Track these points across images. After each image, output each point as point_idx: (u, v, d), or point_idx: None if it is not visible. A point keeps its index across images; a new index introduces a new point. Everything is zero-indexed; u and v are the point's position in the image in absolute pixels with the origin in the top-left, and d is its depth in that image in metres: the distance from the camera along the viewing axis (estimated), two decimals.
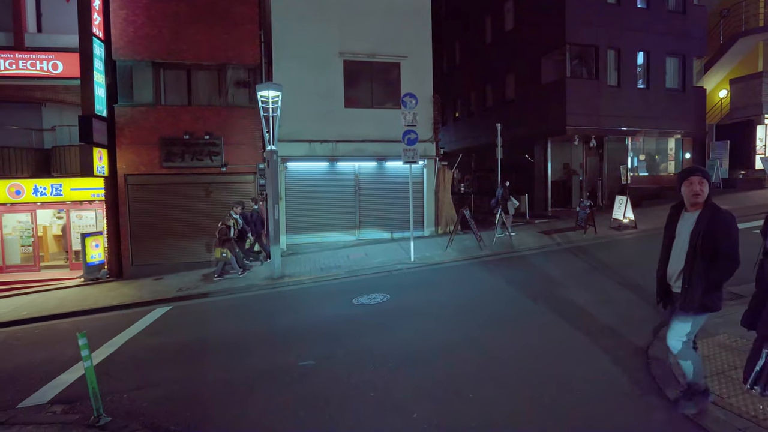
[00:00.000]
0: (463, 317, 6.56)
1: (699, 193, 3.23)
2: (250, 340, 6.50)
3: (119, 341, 7.05)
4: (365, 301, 7.80)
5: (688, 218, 3.32)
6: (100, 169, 11.95)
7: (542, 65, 17.49)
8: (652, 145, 18.58)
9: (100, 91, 11.94)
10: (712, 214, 3.18)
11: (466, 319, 6.43)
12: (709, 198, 3.26)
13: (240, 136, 13.02)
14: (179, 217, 12.94)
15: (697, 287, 3.19)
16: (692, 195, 3.26)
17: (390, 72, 14.23)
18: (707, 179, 3.25)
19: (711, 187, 3.28)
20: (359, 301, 7.83)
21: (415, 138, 10.79)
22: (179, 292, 10.27)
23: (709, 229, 3.14)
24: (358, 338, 6.05)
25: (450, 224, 14.62)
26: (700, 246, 3.15)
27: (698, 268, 3.18)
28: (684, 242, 3.28)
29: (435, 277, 9.49)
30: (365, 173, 14.06)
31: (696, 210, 3.29)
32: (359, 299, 7.95)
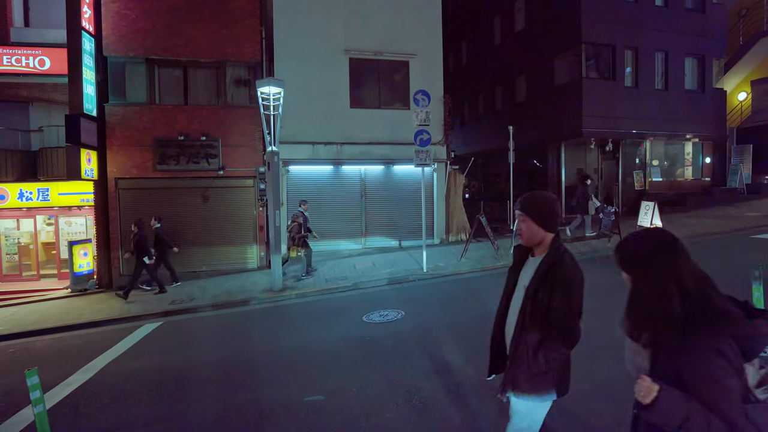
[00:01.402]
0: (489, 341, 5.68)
1: (520, 232, 2.33)
2: (246, 367, 5.63)
3: (98, 365, 6.18)
4: (377, 319, 6.93)
5: (531, 264, 2.38)
6: (88, 173, 11.12)
7: (555, 66, 16.73)
8: (669, 149, 17.77)
9: (89, 89, 11.14)
10: (548, 265, 2.22)
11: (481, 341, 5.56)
12: (555, 241, 2.28)
13: (239, 137, 12.21)
14: (174, 224, 12.06)
15: (521, 364, 2.26)
16: (519, 234, 2.37)
17: (398, 71, 13.46)
18: (531, 215, 2.27)
19: (550, 224, 2.28)
20: (371, 319, 6.97)
21: (428, 138, 9.98)
22: (171, 305, 9.41)
23: (543, 286, 2.21)
24: (373, 365, 5.18)
25: (461, 232, 13.78)
26: (530, 308, 2.25)
27: (526, 338, 2.26)
28: (520, 298, 2.37)
29: (452, 290, 8.63)
30: (372, 177, 13.25)
31: (540, 255, 2.33)
32: (370, 316, 7.09)
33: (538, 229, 2.27)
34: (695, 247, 7.25)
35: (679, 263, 1.57)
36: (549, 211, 2.27)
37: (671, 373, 1.50)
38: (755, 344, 1.51)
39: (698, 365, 1.45)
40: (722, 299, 1.55)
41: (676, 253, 1.59)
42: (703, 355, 1.45)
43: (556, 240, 2.28)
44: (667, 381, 1.49)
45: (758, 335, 1.50)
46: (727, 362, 1.44)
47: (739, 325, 1.48)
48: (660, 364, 1.54)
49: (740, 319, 1.50)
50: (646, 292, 1.60)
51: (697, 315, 1.50)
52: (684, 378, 1.47)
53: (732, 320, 1.49)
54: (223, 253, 12.22)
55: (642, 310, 1.61)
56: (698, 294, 1.54)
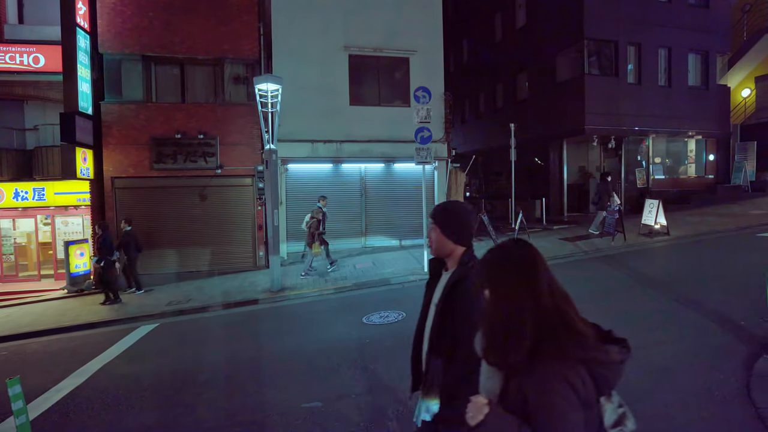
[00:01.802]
0: None
1: (430, 241, 2.10)
2: (243, 371, 5.47)
3: (92, 368, 6.02)
4: (378, 320, 6.77)
5: (443, 279, 2.11)
6: (84, 172, 10.96)
7: (557, 62, 16.54)
8: (673, 146, 17.59)
9: (84, 87, 10.97)
10: (453, 283, 1.96)
11: None
12: (464, 255, 2.01)
13: (237, 135, 12.04)
14: (171, 224, 11.93)
15: (432, 387, 2.01)
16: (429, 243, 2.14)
17: (398, 67, 13.27)
18: (439, 224, 2.03)
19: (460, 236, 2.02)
20: (371, 320, 6.81)
21: (429, 136, 9.81)
22: (168, 307, 9.26)
23: (447, 307, 1.96)
24: (373, 369, 5.02)
25: None
26: (436, 329, 2.01)
27: (434, 362, 2.02)
28: (431, 316, 2.10)
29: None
30: (372, 176, 13.07)
31: (451, 270, 2.06)
32: (370, 317, 6.92)
33: (446, 241, 2.03)
34: (701, 245, 7.17)
35: (537, 278, 1.39)
36: (459, 223, 2.03)
37: (519, 400, 1.32)
38: (608, 373, 1.34)
39: (541, 392, 1.28)
40: (579, 320, 1.37)
41: (534, 267, 1.41)
42: (547, 381, 1.27)
43: (466, 254, 2.02)
44: (514, 408, 1.31)
45: (610, 362, 1.33)
46: (572, 392, 1.26)
47: (590, 349, 1.31)
48: (509, 389, 1.35)
49: (592, 344, 1.32)
50: (499, 308, 1.41)
51: (548, 336, 1.33)
52: (529, 405, 1.30)
53: (583, 343, 1.31)
54: (221, 252, 12.06)
55: (494, 327, 1.42)
56: (554, 312, 1.36)
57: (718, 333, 5.11)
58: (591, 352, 1.32)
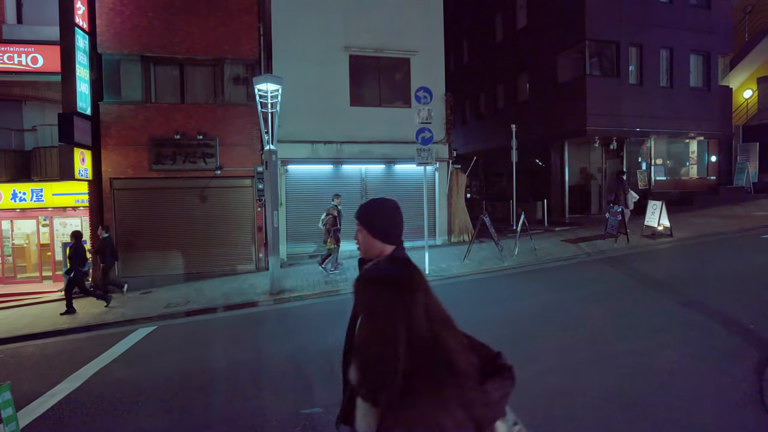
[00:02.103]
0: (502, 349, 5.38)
1: (358, 243, 1.95)
2: (242, 375, 5.36)
3: (87, 372, 5.91)
4: None
5: None
6: (82, 172, 10.87)
7: (559, 63, 16.48)
8: (674, 147, 17.52)
9: (83, 87, 10.89)
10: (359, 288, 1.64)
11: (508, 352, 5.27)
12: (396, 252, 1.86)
13: (237, 136, 11.95)
14: (170, 225, 11.84)
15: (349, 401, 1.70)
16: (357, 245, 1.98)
17: (399, 68, 13.20)
18: (366, 224, 1.89)
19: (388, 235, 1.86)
20: None
21: (430, 137, 9.72)
22: (167, 309, 9.15)
23: (355, 311, 1.78)
24: None
25: (464, 232, 13.51)
26: (348, 342, 1.87)
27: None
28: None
29: (456, 292, 8.36)
30: (373, 177, 12.98)
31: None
32: None
33: (374, 241, 1.87)
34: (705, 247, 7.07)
35: (413, 303, 1.23)
36: (386, 221, 1.90)
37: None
38: (488, 411, 1.22)
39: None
40: (461, 350, 1.24)
41: (410, 290, 1.26)
42: (417, 424, 1.13)
43: (395, 253, 1.87)
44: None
45: (489, 402, 1.21)
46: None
47: (468, 391, 1.19)
48: (383, 427, 1.19)
49: (471, 385, 1.20)
50: (371, 338, 1.25)
51: (424, 372, 1.19)
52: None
53: (461, 384, 1.18)
54: (220, 254, 11.97)
55: (365, 359, 1.26)
56: (432, 344, 1.22)
57: (725, 336, 5.01)
58: (469, 394, 1.18)
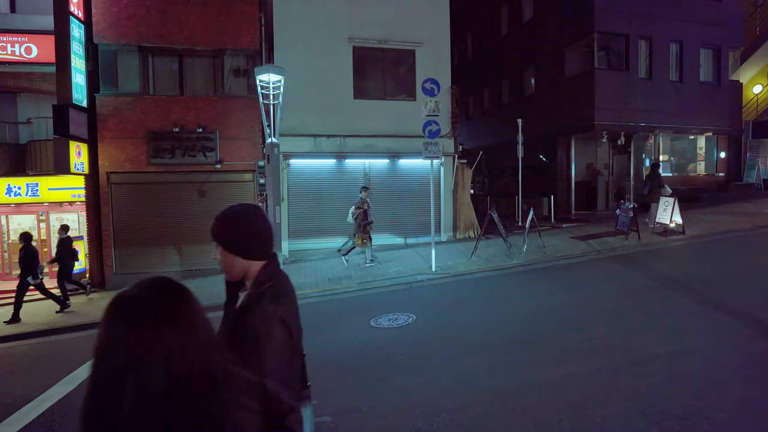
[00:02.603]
0: (516, 351, 5.12)
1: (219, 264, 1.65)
2: None
3: (82, 375, 5.63)
4: (386, 323, 6.38)
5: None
6: (78, 166, 10.56)
7: (566, 57, 16.14)
8: (682, 143, 17.21)
9: (78, 78, 10.57)
10: (242, 309, 1.54)
11: (523, 354, 5.01)
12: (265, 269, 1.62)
13: (237, 129, 11.63)
14: (169, 221, 11.53)
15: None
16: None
17: (404, 60, 12.87)
18: (221, 241, 1.62)
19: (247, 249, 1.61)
20: (379, 323, 6.42)
21: (438, 130, 9.42)
22: None
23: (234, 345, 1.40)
24: (384, 379, 4.63)
25: (469, 229, 13.22)
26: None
27: None
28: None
29: (464, 291, 8.08)
30: (376, 172, 12.67)
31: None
32: (378, 320, 6.54)
33: (233, 258, 1.58)
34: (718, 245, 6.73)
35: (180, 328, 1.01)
36: (243, 232, 1.59)
37: None
38: None
39: None
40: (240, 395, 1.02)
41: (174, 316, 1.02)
42: None
43: (264, 271, 1.60)
44: None
45: None
46: None
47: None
48: None
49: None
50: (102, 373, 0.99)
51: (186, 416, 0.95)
52: None
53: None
54: None
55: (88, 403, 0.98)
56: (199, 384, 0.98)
57: (759, 340, 4.73)
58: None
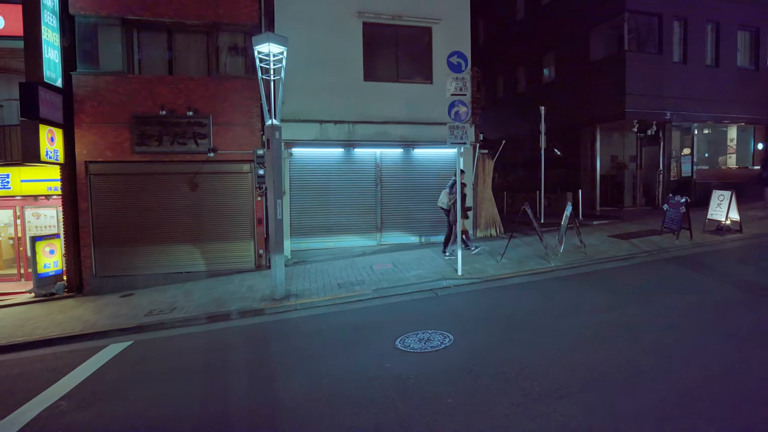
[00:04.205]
0: (612, 394, 3.82)
1: None
2: (234, 425, 3.79)
3: (26, 415, 4.35)
4: (417, 345, 5.08)
5: None
6: (51, 154, 9.23)
7: (591, 40, 14.82)
8: (714, 133, 15.92)
9: (51, 54, 9.24)
10: None
11: (626, 402, 3.71)
12: None
13: (233, 114, 10.31)
14: (156, 217, 10.22)
15: None
16: None
17: (419, 38, 11.52)
18: None
19: None
20: (407, 345, 5.12)
21: (466, 112, 8.13)
22: (148, 318, 7.57)
23: None
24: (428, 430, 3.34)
25: (490, 227, 11.92)
26: None
27: None
28: None
29: (502, 301, 6.78)
30: (389, 162, 11.35)
31: None
32: (406, 340, 5.25)
33: None
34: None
35: None
36: None
37: None
38: None
39: None
40: None
41: None
42: None
43: None
44: None
45: None
46: None
47: None
48: None
49: None
50: None
51: None
52: None
53: None
54: (214, 250, 10.36)
55: None
56: None
57: None
58: None
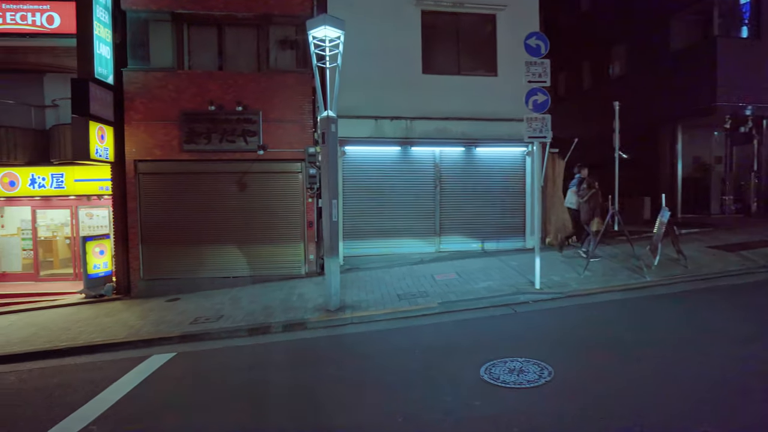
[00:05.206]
0: None
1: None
2: None
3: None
4: (508, 378, 4.12)
5: None
6: (101, 152, 8.96)
7: (672, 27, 13.30)
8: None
9: (103, 50, 9.00)
10: None
11: None
12: None
13: (283, 110, 9.73)
14: (203, 218, 9.77)
15: None
16: None
17: (482, 27, 10.58)
18: None
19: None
20: (496, 376, 4.17)
21: (546, 101, 7.09)
22: (193, 326, 7.01)
23: None
24: None
25: (561, 232, 10.73)
26: None
27: None
28: None
29: (599, 323, 5.69)
30: (449, 162, 10.42)
31: None
32: (493, 369, 4.30)
33: None
34: None
35: None
36: None
37: None
38: None
39: None
40: None
41: None
42: None
43: None
44: None
45: None
46: None
47: None
48: None
49: None
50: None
51: None
52: None
53: None
54: (262, 255, 9.78)
55: None
56: None
57: None
58: None
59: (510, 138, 10.36)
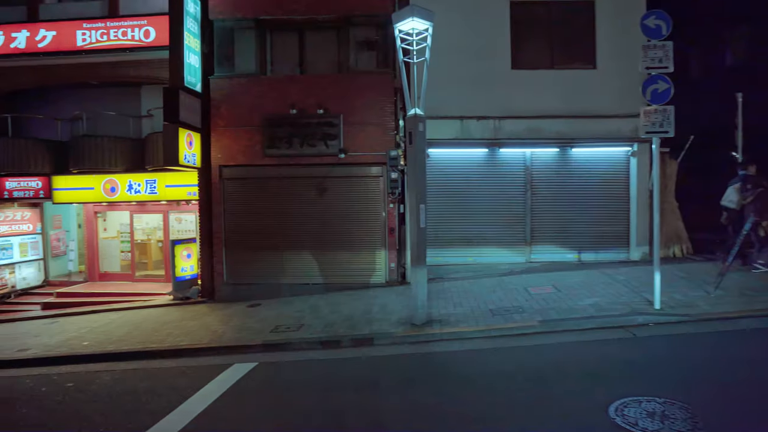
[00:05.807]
0: None
1: None
2: None
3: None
4: (648, 425, 3.30)
5: None
6: (188, 158, 9.19)
7: None
8: None
9: (192, 59, 9.25)
10: None
11: None
12: None
13: (365, 113, 9.43)
14: (284, 223, 9.70)
15: None
16: None
17: (579, 15, 9.60)
18: None
19: None
20: (632, 421, 3.37)
21: (668, 90, 6.10)
22: (274, 334, 6.82)
23: None
24: None
25: (674, 244, 9.40)
26: None
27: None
28: None
29: (752, 356, 4.63)
30: (541, 164, 9.53)
31: None
32: (626, 411, 3.50)
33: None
34: None
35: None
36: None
37: None
38: None
39: None
40: None
41: None
42: None
43: None
44: None
45: None
46: None
47: None
48: None
49: None
50: None
51: None
52: None
53: None
54: (342, 261, 9.51)
55: None
56: None
57: None
58: None
59: (611, 137, 9.29)
